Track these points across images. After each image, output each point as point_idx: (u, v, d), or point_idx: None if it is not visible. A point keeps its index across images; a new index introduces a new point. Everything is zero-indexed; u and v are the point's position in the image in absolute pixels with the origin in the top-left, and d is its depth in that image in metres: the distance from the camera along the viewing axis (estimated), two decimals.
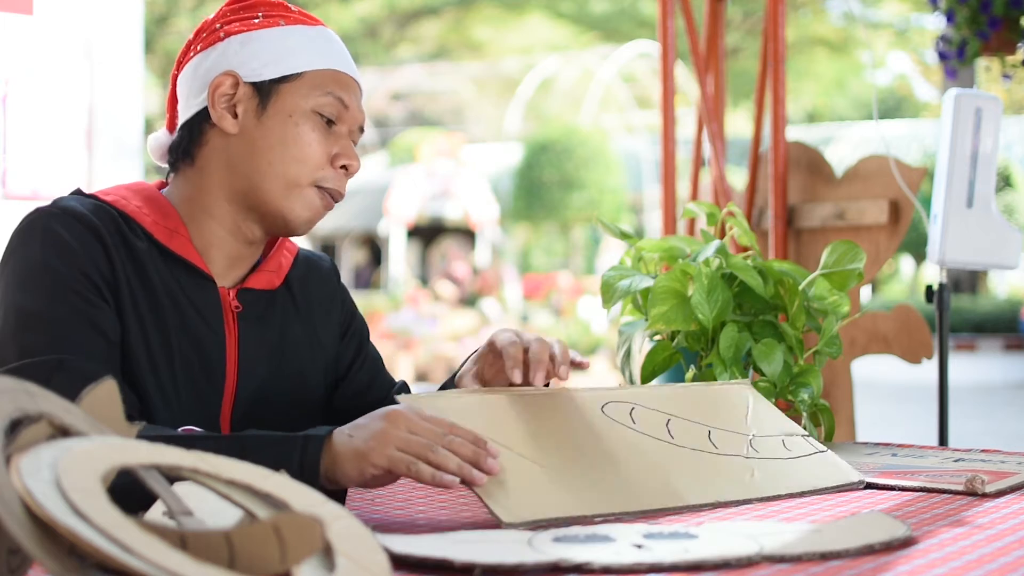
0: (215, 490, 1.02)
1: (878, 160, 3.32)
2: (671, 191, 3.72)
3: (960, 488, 1.53)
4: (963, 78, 4.38)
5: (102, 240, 1.54)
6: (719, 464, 1.58)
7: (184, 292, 1.60)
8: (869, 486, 1.60)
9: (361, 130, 1.69)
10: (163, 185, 1.70)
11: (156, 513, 1.15)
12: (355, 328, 1.83)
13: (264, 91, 1.62)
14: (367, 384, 1.81)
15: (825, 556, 1.15)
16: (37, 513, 0.85)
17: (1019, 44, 3.94)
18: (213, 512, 1.10)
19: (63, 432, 0.98)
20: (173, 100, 1.71)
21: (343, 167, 1.65)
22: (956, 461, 1.75)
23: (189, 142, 1.65)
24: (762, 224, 3.56)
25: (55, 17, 3.26)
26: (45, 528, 0.86)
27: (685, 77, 13.63)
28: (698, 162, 3.74)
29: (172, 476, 1.04)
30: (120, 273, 1.54)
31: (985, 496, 1.51)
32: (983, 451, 1.85)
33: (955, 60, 3.99)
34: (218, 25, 1.66)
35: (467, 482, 1.35)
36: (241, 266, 1.68)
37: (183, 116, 1.67)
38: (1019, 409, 10.51)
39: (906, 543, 1.22)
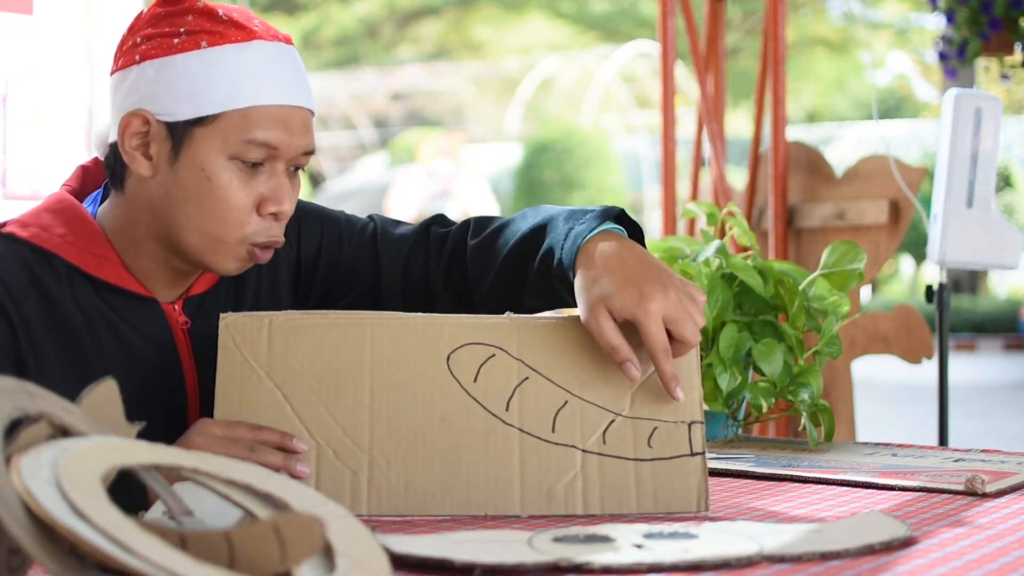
0: (215, 490, 1.02)
1: (878, 160, 3.33)
2: (671, 191, 3.73)
3: (960, 488, 1.53)
4: (963, 78, 4.39)
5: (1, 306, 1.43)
6: (547, 458, 1.40)
7: (126, 320, 1.50)
8: (869, 486, 1.60)
9: (309, 153, 1.49)
10: (96, 179, 1.58)
11: (156, 513, 1.15)
12: (329, 249, 1.65)
13: (177, 134, 1.43)
14: (424, 255, 1.63)
15: (825, 556, 1.15)
16: (37, 513, 0.85)
17: (1019, 44, 3.95)
18: (213, 512, 1.10)
19: (63, 432, 0.98)
20: None
21: (272, 214, 1.46)
22: (956, 461, 1.74)
23: (115, 165, 1.50)
24: (762, 224, 3.57)
25: (55, 17, 3.25)
26: (45, 528, 0.86)
27: (685, 77, 13.63)
28: (698, 162, 3.75)
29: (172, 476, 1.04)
30: (22, 335, 1.44)
31: (985, 496, 1.51)
32: (983, 451, 1.85)
33: (955, 60, 4.00)
34: (139, 39, 1.47)
35: None
36: (187, 278, 1.56)
37: (111, 134, 1.50)
38: (1019, 409, 10.50)
39: (906, 543, 1.22)
